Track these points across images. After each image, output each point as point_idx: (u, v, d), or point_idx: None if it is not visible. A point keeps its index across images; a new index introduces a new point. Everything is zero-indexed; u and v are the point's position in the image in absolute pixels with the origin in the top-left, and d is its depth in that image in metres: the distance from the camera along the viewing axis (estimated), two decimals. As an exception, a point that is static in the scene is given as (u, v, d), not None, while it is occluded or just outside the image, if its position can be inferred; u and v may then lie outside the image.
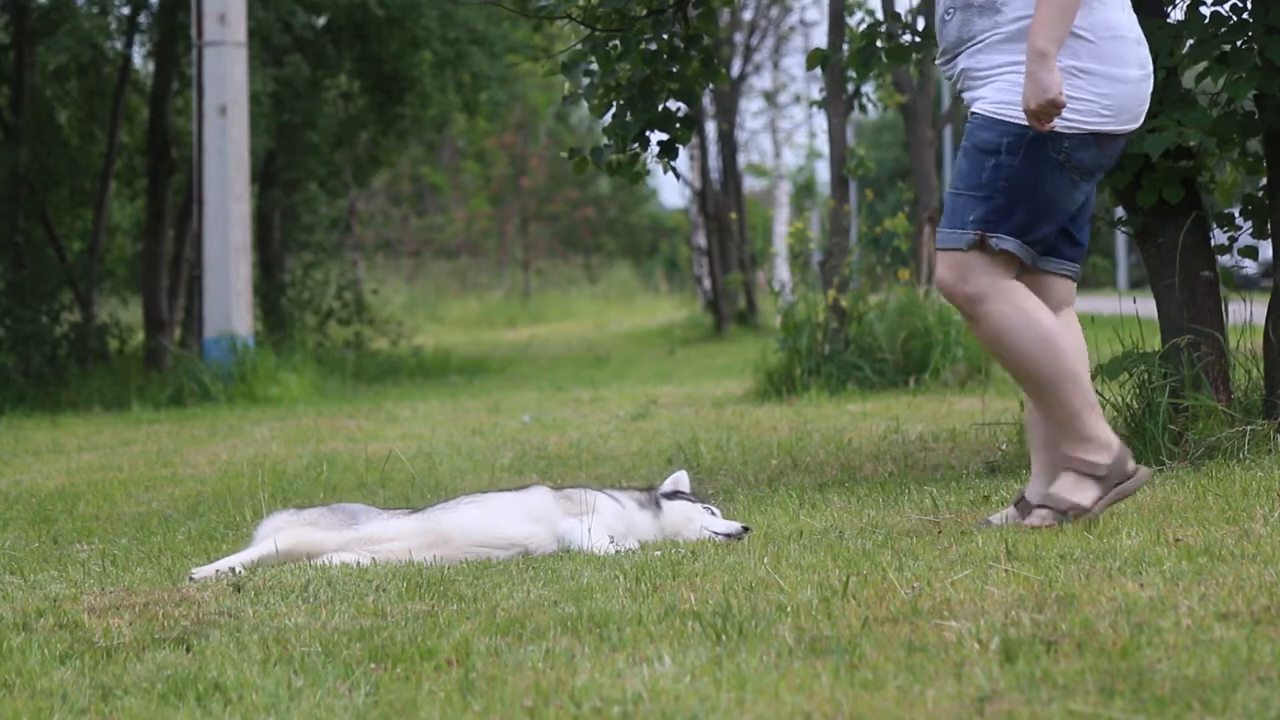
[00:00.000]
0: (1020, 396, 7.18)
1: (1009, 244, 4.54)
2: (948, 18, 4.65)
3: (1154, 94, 5.81)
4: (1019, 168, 4.51)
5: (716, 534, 4.77)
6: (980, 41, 4.58)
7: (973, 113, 4.60)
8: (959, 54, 4.64)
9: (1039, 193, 4.53)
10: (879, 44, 6.73)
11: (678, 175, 6.95)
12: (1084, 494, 4.56)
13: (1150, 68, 4.63)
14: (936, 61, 4.83)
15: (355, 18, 17.49)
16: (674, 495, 4.95)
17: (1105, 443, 4.59)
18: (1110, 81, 4.52)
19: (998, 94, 4.54)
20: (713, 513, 4.90)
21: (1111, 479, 4.58)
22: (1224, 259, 6.27)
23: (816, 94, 19.74)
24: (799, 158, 50.71)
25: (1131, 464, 4.62)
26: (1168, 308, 6.06)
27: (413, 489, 6.77)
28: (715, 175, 26.03)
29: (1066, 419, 4.61)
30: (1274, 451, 5.64)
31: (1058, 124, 4.46)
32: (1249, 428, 5.72)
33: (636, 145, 6.72)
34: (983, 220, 4.53)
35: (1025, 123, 4.47)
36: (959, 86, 4.70)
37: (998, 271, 4.55)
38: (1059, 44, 4.41)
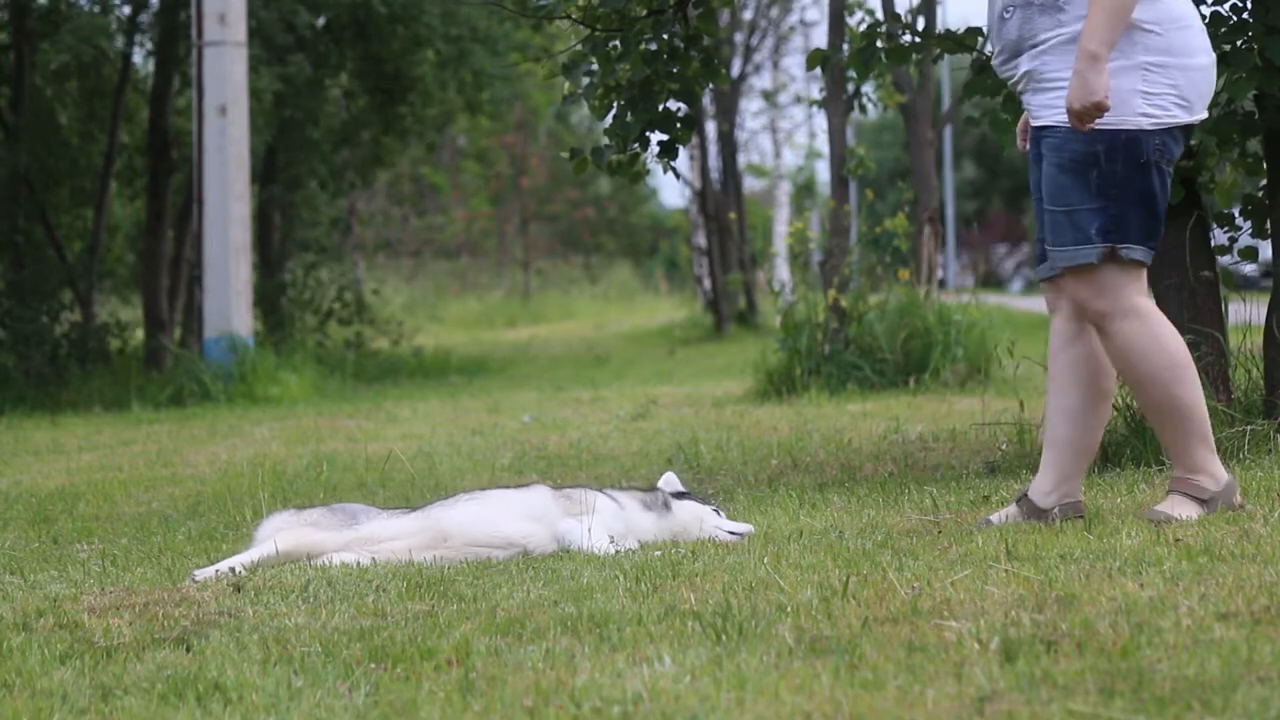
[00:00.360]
0: (1020, 397, 7.19)
1: (1138, 252, 4.55)
2: (1007, 15, 4.63)
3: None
4: (1123, 173, 4.51)
5: (731, 533, 4.77)
6: (1044, 43, 4.56)
7: (1050, 126, 4.58)
8: (1021, 55, 4.62)
9: (1148, 193, 4.54)
10: (879, 44, 6.72)
11: (677, 175, 6.95)
12: (1184, 511, 4.57)
13: (1213, 53, 4.64)
14: (994, 62, 4.80)
15: (357, 16, 17.49)
16: (681, 496, 4.95)
17: (1213, 475, 4.62)
18: (1184, 72, 4.52)
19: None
20: (719, 514, 4.90)
21: (1214, 504, 4.59)
22: (1224, 259, 6.27)
23: (816, 94, 19.75)
24: (799, 158, 50.71)
25: (1239, 498, 4.64)
26: (1168, 308, 6.06)
27: (413, 489, 6.77)
28: (715, 175, 26.05)
29: (1178, 446, 4.63)
30: (1274, 451, 5.64)
31: (1144, 122, 4.48)
32: (1249, 428, 5.72)
33: (637, 145, 6.72)
34: (1105, 231, 4.52)
35: (1113, 127, 4.47)
36: (1020, 88, 4.68)
37: (1131, 286, 4.56)
38: (1110, 46, 4.41)
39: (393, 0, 17.26)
